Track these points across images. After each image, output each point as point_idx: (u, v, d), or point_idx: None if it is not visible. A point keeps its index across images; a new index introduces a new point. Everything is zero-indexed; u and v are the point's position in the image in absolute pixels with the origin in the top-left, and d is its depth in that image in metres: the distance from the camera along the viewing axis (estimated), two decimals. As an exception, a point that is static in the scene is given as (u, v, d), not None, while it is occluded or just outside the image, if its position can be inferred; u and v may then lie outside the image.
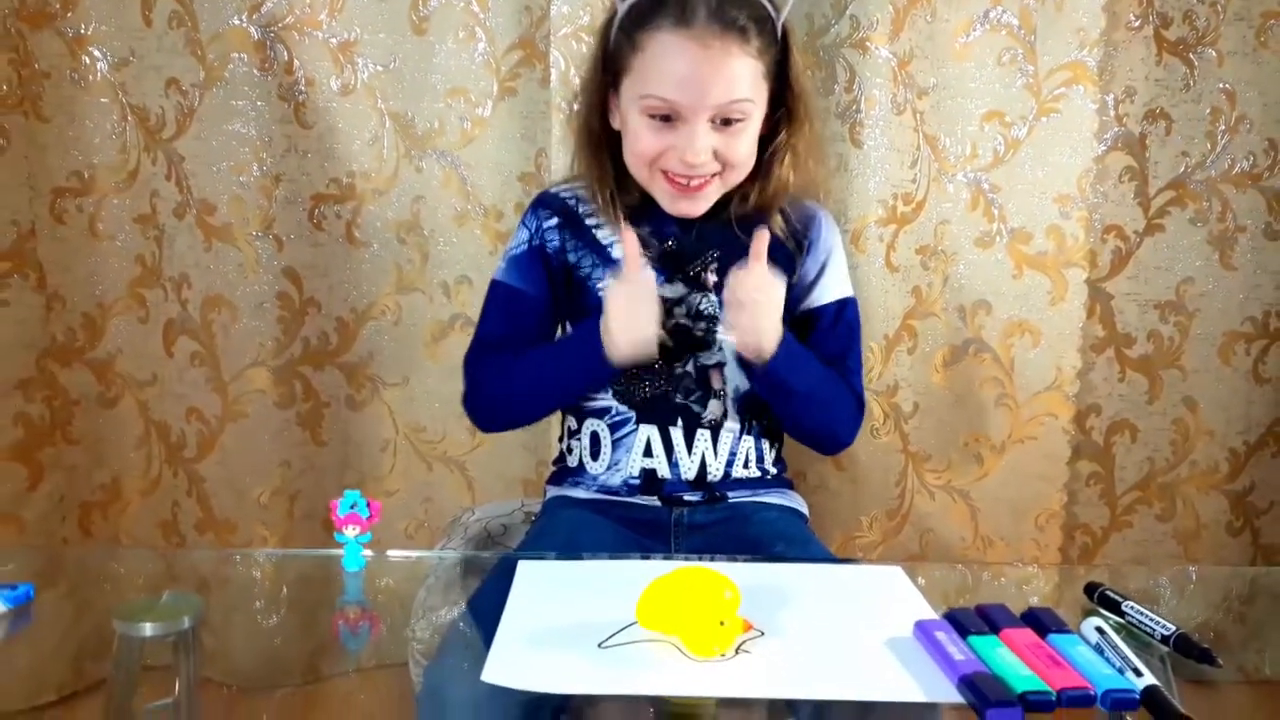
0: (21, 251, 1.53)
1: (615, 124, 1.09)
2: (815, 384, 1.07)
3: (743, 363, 1.08)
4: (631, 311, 1.00)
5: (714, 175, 1.05)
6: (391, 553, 0.92)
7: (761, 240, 1.01)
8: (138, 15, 1.49)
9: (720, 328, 1.08)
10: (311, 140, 1.51)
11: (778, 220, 1.11)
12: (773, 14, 1.03)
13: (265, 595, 0.87)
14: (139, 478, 1.65)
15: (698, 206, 1.07)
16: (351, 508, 0.86)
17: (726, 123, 1.02)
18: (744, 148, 1.04)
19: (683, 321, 1.11)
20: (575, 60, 1.44)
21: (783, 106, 1.07)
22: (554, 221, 1.14)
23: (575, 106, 1.17)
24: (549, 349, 1.13)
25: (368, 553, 0.90)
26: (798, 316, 1.13)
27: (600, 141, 1.11)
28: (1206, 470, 1.63)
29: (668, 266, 1.11)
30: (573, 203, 1.15)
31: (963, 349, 1.56)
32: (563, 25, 1.43)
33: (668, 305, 1.09)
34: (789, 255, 1.12)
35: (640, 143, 1.04)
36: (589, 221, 1.14)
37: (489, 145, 1.53)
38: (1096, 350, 1.58)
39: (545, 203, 1.17)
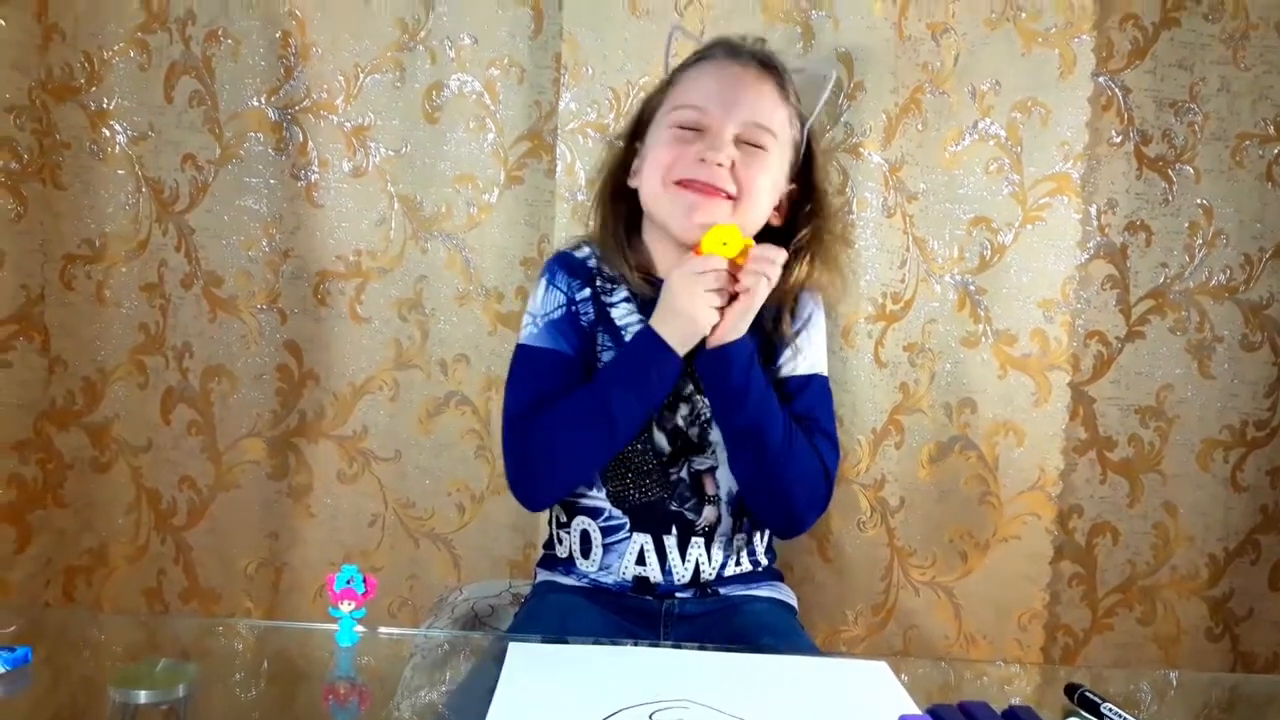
0: (29, 315, 1.56)
1: (633, 182, 1.13)
2: (769, 403, 1.07)
3: (703, 359, 1.07)
4: (693, 288, 1.03)
5: (727, 197, 1.06)
6: (384, 630, 0.93)
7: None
8: (160, 92, 1.55)
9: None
10: (321, 219, 1.56)
11: (786, 314, 1.14)
12: (804, 112, 1.11)
13: (256, 667, 0.87)
14: (126, 544, 1.65)
15: (713, 215, 1.06)
16: (348, 583, 0.87)
17: (749, 145, 1.07)
18: (760, 180, 1.07)
19: (679, 424, 1.12)
20: (580, 153, 1.50)
21: (807, 204, 1.12)
22: (587, 293, 1.14)
23: (605, 150, 1.24)
24: (602, 373, 1.09)
25: (361, 629, 0.91)
26: None
27: (619, 195, 1.15)
28: (1186, 575, 1.64)
29: None
30: (595, 271, 1.16)
31: (949, 446, 1.59)
32: (570, 120, 1.49)
33: (671, 402, 1.11)
34: (771, 338, 1.14)
35: (662, 155, 1.08)
36: (604, 299, 1.14)
37: (493, 230, 1.58)
38: (1079, 452, 1.61)
39: (575, 270, 1.15)
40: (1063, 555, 1.63)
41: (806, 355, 1.15)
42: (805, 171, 1.12)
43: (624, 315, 1.14)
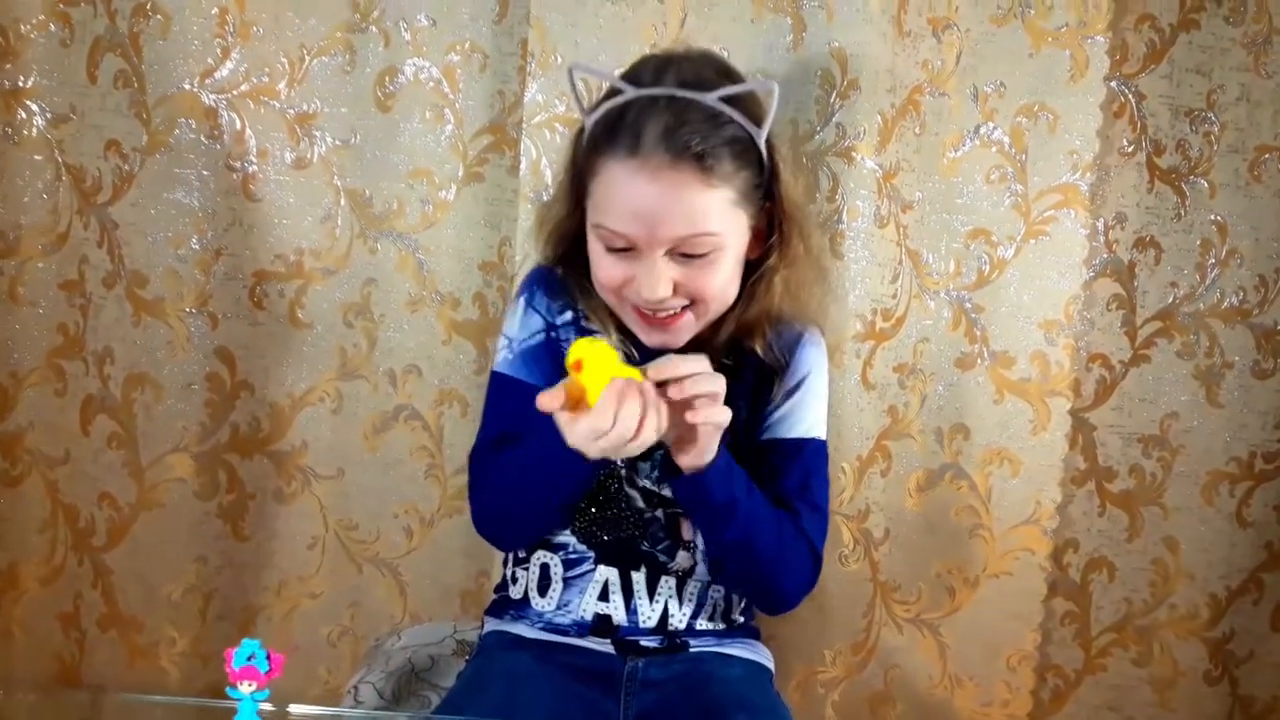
0: (-69, 315, 1.41)
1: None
2: (757, 509, 0.95)
3: (668, 471, 0.94)
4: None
5: (685, 309, 0.95)
6: (294, 708, 0.80)
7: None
8: (82, 71, 1.40)
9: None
10: (259, 214, 1.42)
11: (758, 345, 1.02)
12: (751, 132, 0.93)
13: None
14: (40, 564, 1.51)
15: (673, 340, 0.97)
16: (249, 659, 0.74)
17: (689, 256, 0.92)
18: (715, 281, 0.94)
19: (648, 485, 1.02)
20: (547, 149, 1.37)
21: (778, 229, 0.99)
22: (568, 317, 1.04)
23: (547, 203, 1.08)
24: (529, 439, 0.96)
25: (268, 706, 0.77)
26: (755, 446, 1.03)
27: (575, 253, 1.01)
28: (1186, 615, 1.54)
29: None
30: (577, 292, 1.05)
31: (939, 474, 1.47)
32: (536, 113, 1.36)
33: (631, 462, 1.00)
34: (766, 381, 1.02)
35: (601, 271, 0.95)
36: (586, 325, 1.04)
37: (450, 230, 1.44)
38: (1076, 483, 1.50)
39: (554, 289, 1.05)
40: (1056, 592, 1.52)
41: (803, 416, 1.03)
42: (770, 191, 0.98)
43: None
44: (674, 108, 0.89)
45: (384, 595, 1.52)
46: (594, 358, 0.84)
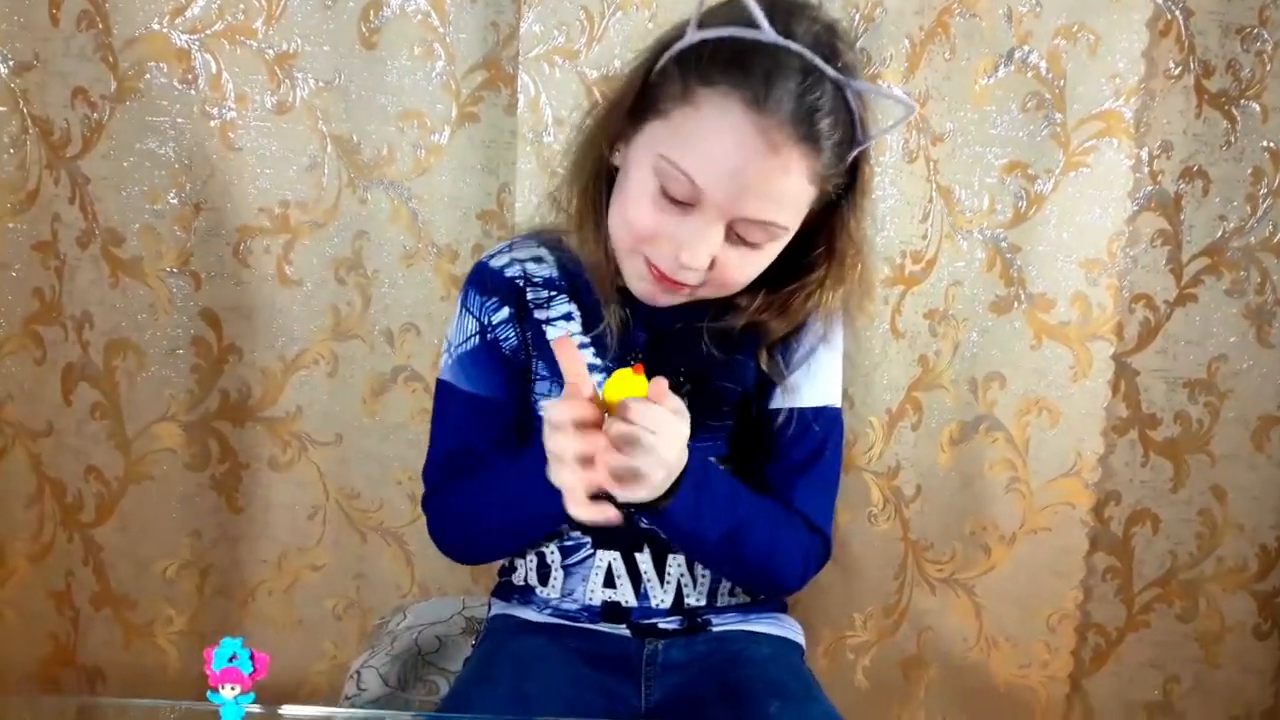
0: (-105, 280, 1.32)
1: (616, 160, 0.87)
2: (738, 522, 0.87)
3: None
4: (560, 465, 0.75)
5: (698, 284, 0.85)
6: (287, 710, 0.72)
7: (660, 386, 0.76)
8: (44, 13, 1.29)
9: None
10: (240, 165, 1.32)
11: (764, 363, 0.93)
12: (859, 136, 0.81)
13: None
14: (29, 541, 1.44)
15: (666, 300, 0.87)
16: (230, 660, 0.66)
17: (742, 239, 0.82)
18: (749, 273, 0.85)
19: None
20: (546, 85, 1.27)
21: (822, 244, 0.88)
22: (504, 314, 0.94)
23: (585, 122, 0.92)
24: (495, 475, 0.90)
25: (255, 709, 0.70)
26: (765, 413, 0.94)
27: (601, 178, 0.88)
28: (1234, 567, 1.46)
29: None
30: (520, 283, 0.95)
31: (972, 426, 1.39)
32: (534, 45, 1.25)
33: None
34: (754, 366, 0.93)
35: (635, 210, 0.82)
36: (538, 315, 0.94)
37: (445, 177, 1.35)
38: (1119, 432, 1.42)
39: (489, 286, 0.95)
40: (1097, 547, 1.45)
41: (816, 383, 0.94)
42: (837, 201, 0.87)
43: (559, 334, 0.92)
44: (811, 78, 0.76)
45: (390, 566, 1.45)
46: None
